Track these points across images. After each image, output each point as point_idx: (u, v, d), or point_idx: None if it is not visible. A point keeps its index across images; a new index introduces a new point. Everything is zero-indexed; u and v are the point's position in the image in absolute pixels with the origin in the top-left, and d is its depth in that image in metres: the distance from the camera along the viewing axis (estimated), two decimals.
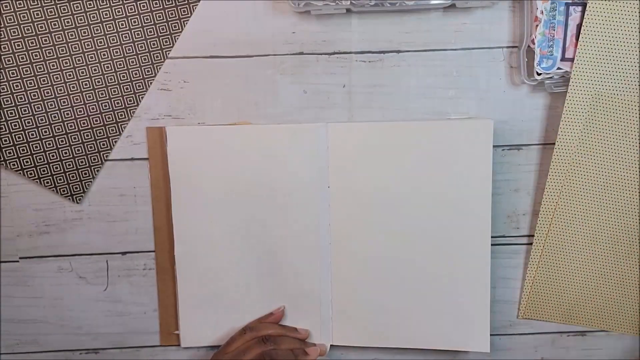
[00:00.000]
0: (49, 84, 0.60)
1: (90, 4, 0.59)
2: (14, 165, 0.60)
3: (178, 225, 0.60)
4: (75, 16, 0.59)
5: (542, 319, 0.64)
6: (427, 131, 0.59)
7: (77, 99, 0.60)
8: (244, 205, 0.60)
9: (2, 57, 0.59)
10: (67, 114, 0.60)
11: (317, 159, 0.59)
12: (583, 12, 0.58)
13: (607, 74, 0.58)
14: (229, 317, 0.62)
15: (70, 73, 0.60)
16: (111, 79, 0.60)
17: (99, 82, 0.60)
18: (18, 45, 0.59)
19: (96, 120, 0.61)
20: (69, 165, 0.61)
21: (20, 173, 0.61)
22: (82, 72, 0.60)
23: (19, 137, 0.60)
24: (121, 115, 0.61)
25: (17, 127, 0.60)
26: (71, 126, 0.60)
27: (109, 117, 0.61)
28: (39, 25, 0.59)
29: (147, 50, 0.60)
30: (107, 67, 0.60)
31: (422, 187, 0.59)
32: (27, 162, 0.61)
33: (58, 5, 0.59)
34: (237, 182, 0.60)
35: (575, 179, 0.60)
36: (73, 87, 0.60)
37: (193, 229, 0.60)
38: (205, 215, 0.60)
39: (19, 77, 0.59)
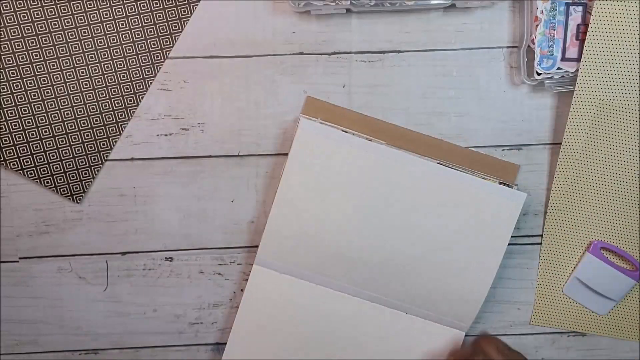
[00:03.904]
0: (49, 84, 0.60)
1: (90, 4, 0.59)
2: (14, 165, 0.60)
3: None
4: (75, 16, 0.59)
5: (550, 326, 0.64)
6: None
7: (77, 99, 0.60)
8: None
9: (2, 57, 0.59)
10: (67, 114, 0.60)
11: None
12: (583, 12, 0.58)
13: (613, 77, 0.58)
14: None
15: (70, 73, 0.60)
16: (111, 79, 0.60)
17: (99, 82, 0.60)
18: (18, 45, 0.59)
19: (96, 120, 0.61)
20: (69, 165, 0.61)
21: (20, 173, 0.61)
22: (82, 72, 0.60)
23: (19, 137, 0.60)
24: (121, 115, 0.61)
25: (17, 127, 0.60)
26: (71, 126, 0.60)
27: (109, 117, 0.61)
28: (39, 25, 0.59)
29: (147, 50, 0.60)
30: (107, 67, 0.60)
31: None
32: (27, 162, 0.61)
33: (58, 5, 0.59)
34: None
35: (581, 183, 0.60)
36: (73, 87, 0.60)
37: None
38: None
39: (19, 77, 0.59)
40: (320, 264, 0.61)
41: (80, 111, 0.60)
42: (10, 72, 0.59)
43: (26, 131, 0.60)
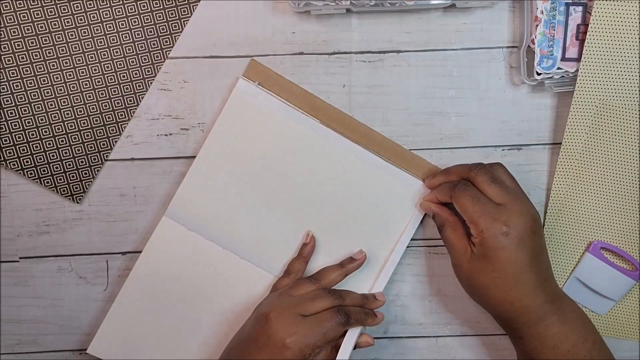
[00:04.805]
0: (49, 84, 0.60)
1: (90, 4, 0.59)
2: (14, 165, 0.61)
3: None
4: (75, 16, 0.59)
5: None
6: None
7: (77, 99, 0.60)
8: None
9: (2, 57, 0.59)
10: (67, 114, 0.60)
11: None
12: (583, 12, 0.58)
13: (613, 77, 0.58)
14: None
15: (70, 73, 0.60)
16: (111, 79, 0.60)
17: (99, 82, 0.60)
18: (18, 45, 0.59)
19: (96, 120, 0.61)
20: (69, 165, 0.61)
21: (20, 173, 0.61)
22: (82, 72, 0.60)
23: (19, 137, 0.60)
24: (121, 115, 0.61)
25: (17, 127, 0.60)
26: (71, 126, 0.60)
27: (109, 117, 0.61)
28: (39, 25, 0.59)
29: (147, 50, 0.60)
30: (107, 67, 0.60)
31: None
32: (27, 162, 0.61)
33: (58, 5, 0.59)
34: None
35: (581, 183, 0.60)
36: (73, 87, 0.60)
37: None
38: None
39: (19, 77, 0.59)
40: (229, 228, 0.61)
41: (80, 111, 0.60)
42: (10, 72, 0.59)
43: (26, 131, 0.60)
